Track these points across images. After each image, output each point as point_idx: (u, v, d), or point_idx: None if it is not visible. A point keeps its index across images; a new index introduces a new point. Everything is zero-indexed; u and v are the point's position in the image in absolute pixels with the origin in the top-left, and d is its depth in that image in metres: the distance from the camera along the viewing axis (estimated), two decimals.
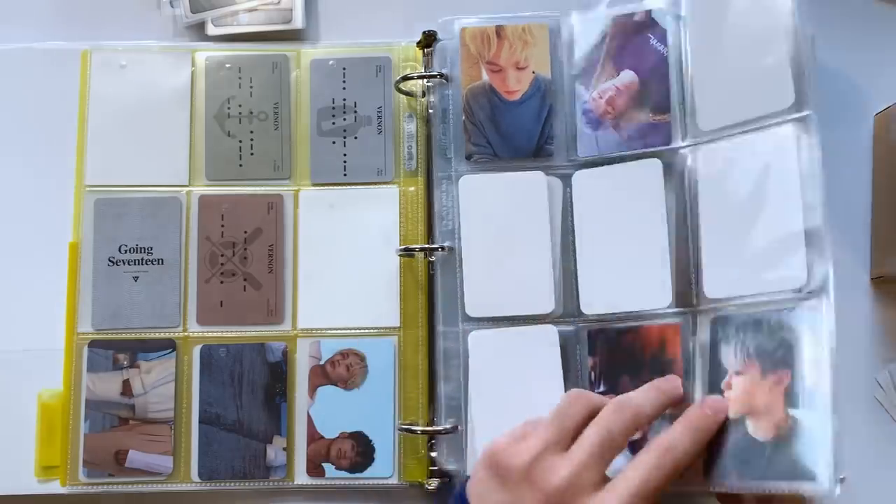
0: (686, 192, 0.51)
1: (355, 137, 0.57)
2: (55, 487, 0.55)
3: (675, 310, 0.50)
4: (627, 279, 0.52)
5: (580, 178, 0.54)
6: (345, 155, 0.57)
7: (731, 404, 0.45)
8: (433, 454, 0.54)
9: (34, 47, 0.58)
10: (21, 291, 0.56)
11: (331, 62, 0.58)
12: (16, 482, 0.55)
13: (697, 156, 0.51)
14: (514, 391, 0.52)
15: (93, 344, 0.55)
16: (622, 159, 0.53)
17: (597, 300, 0.53)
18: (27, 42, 0.58)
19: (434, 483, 0.54)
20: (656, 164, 0.52)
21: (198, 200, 0.57)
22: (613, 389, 0.51)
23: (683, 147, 0.51)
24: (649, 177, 0.52)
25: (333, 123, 0.58)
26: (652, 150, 0.52)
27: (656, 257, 0.51)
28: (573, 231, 0.54)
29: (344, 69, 0.58)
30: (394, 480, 0.54)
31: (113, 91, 0.58)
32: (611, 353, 0.52)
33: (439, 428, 0.53)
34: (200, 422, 0.55)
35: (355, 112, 0.57)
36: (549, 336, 0.53)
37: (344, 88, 0.58)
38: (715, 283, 0.49)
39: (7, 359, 0.56)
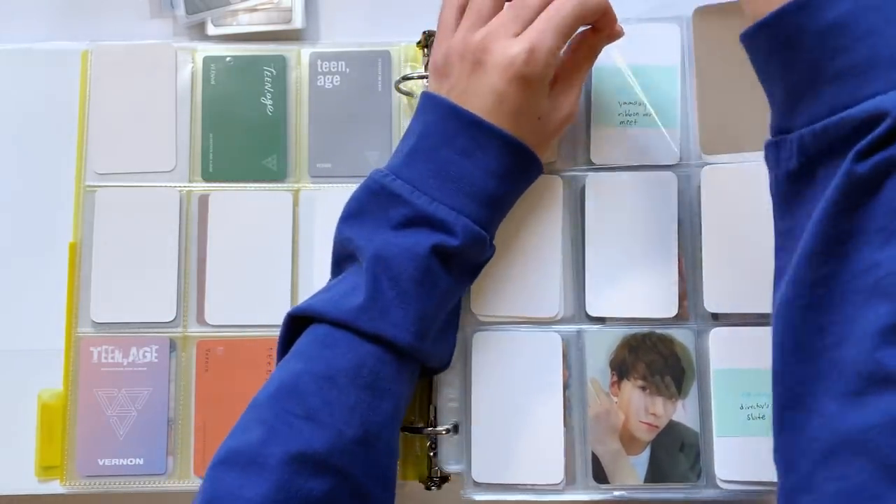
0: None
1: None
2: (55, 487, 0.55)
3: None
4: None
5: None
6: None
7: None
8: (433, 454, 0.54)
9: (34, 47, 0.58)
10: (21, 291, 0.56)
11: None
12: (16, 482, 0.55)
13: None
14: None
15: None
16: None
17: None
18: (27, 42, 0.58)
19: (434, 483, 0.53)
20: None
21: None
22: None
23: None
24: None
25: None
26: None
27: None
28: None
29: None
30: None
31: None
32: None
33: (440, 429, 0.53)
34: None
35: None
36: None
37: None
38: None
39: (7, 359, 0.56)
